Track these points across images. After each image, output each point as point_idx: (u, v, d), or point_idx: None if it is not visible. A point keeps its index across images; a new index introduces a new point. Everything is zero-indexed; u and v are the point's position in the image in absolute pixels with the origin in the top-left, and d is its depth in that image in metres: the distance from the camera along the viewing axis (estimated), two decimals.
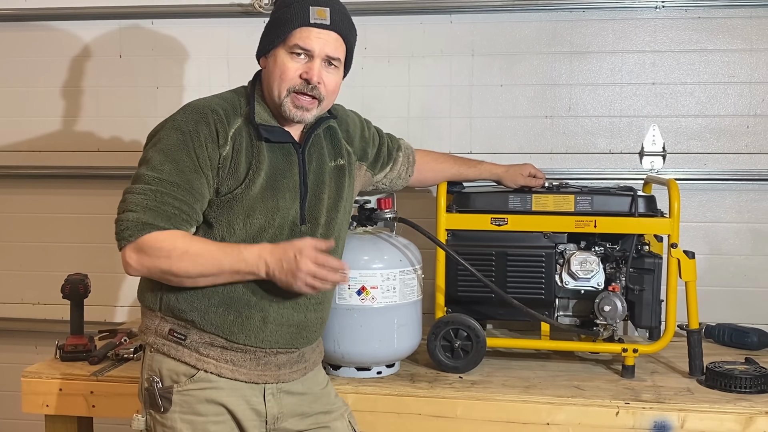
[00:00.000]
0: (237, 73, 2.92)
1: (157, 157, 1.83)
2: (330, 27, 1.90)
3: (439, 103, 3.09)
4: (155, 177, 1.81)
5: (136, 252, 1.79)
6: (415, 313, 2.40)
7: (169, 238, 1.78)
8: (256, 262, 1.79)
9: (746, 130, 2.95)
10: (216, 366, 1.88)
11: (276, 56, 1.91)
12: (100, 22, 3.20)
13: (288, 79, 1.89)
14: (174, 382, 1.88)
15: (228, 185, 1.86)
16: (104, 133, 3.23)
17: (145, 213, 1.78)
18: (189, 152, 1.82)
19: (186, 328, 1.88)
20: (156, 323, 1.91)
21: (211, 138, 1.84)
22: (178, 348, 1.88)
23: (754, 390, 2.24)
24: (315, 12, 1.88)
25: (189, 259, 1.77)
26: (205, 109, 1.87)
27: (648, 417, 2.14)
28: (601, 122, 3.01)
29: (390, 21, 3.07)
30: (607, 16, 2.97)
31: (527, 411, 2.19)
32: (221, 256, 1.79)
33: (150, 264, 1.78)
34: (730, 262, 2.98)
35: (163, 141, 1.84)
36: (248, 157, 1.88)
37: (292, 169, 1.94)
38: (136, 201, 1.79)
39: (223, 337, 1.88)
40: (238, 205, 1.86)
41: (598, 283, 2.43)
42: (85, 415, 2.41)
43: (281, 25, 1.90)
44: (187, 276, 1.79)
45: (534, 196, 2.45)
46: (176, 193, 1.80)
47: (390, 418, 2.24)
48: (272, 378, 1.94)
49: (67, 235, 3.29)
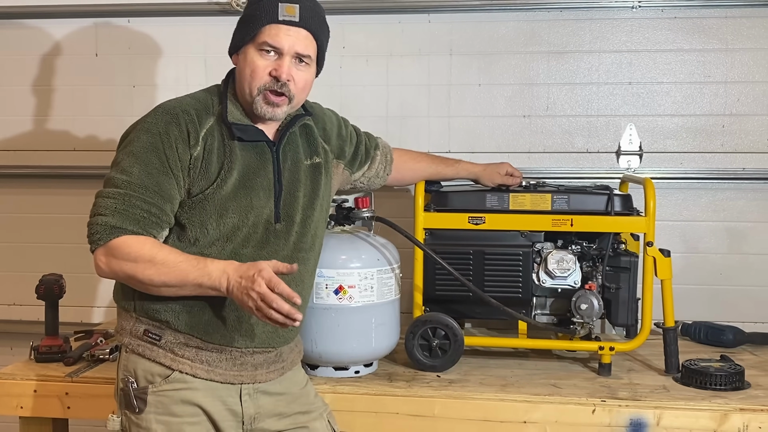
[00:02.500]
0: (214, 72, 2.89)
1: (126, 160, 1.83)
2: (299, 24, 1.89)
3: (417, 103, 3.09)
4: (125, 180, 1.80)
5: (105, 255, 1.79)
6: (393, 312, 2.40)
7: (137, 244, 1.77)
8: (219, 276, 1.76)
9: (722, 129, 2.98)
10: (191, 366, 1.87)
11: (246, 54, 1.90)
12: (76, 20, 3.17)
13: (258, 77, 1.88)
14: (149, 382, 1.87)
15: (199, 185, 1.85)
16: (80, 132, 3.21)
17: (114, 216, 1.78)
18: (159, 154, 1.82)
19: (161, 329, 1.87)
20: (131, 324, 1.90)
21: (182, 139, 1.84)
22: (153, 348, 1.87)
23: (728, 387, 2.26)
24: (284, 9, 1.87)
25: (154, 267, 1.76)
26: (176, 110, 1.87)
27: (624, 415, 2.15)
28: (579, 121, 3.02)
29: (368, 20, 3.07)
30: (584, 16, 2.99)
31: (504, 409, 2.20)
32: (187, 268, 1.77)
33: (117, 267, 1.78)
34: (706, 261, 3.00)
35: (134, 143, 1.84)
36: (220, 156, 1.87)
37: (266, 167, 1.93)
38: (105, 204, 1.79)
39: (198, 337, 1.87)
40: (210, 204, 1.85)
41: (575, 281, 2.45)
42: (60, 416, 2.39)
43: (251, 23, 1.90)
44: (151, 284, 1.78)
45: (511, 195, 2.46)
46: (145, 196, 1.79)
47: (368, 417, 2.24)
48: (248, 378, 1.93)
49: (42, 235, 3.26)
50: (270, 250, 1.92)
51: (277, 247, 1.93)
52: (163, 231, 1.84)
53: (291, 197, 1.97)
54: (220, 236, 1.86)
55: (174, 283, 1.78)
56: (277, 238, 1.93)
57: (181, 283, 1.78)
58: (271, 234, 1.92)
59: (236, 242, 1.88)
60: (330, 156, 2.14)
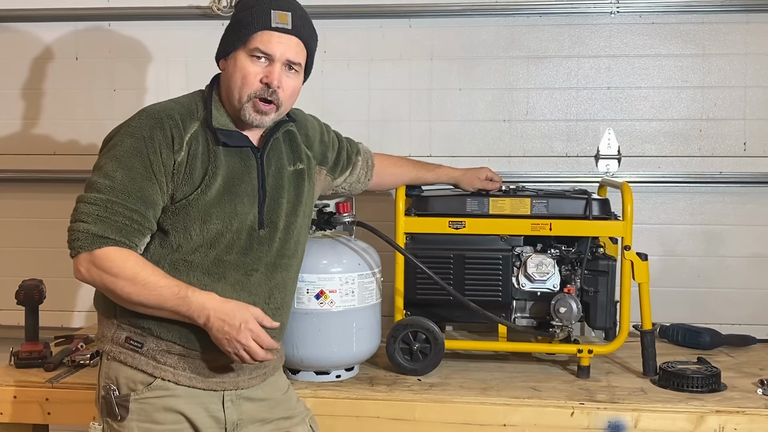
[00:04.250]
0: (195, 76, 2.91)
1: (109, 164, 1.82)
2: (291, 31, 1.90)
3: (398, 107, 3.10)
4: (107, 185, 1.79)
5: (87, 262, 1.78)
6: (374, 316, 2.41)
7: (119, 258, 1.77)
8: (198, 310, 1.78)
9: (699, 133, 3.01)
10: (173, 374, 1.87)
11: (236, 59, 1.90)
12: (56, 23, 3.16)
13: (249, 84, 1.88)
14: (131, 390, 1.86)
15: (183, 191, 1.85)
16: (60, 136, 3.19)
17: (96, 224, 1.77)
18: (142, 159, 1.81)
19: (142, 336, 1.87)
20: (112, 331, 1.89)
21: (166, 144, 1.83)
22: (135, 356, 1.86)
23: (705, 389, 2.29)
24: (277, 16, 1.88)
25: (134, 286, 1.76)
26: (160, 115, 1.86)
27: (602, 417, 2.18)
28: (558, 126, 3.05)
29: (349, 25, 3.08)
30: (563, 21, 3.01)
31: (484, 412, 2.22)
32: (166, 294, 1.77)
33: (97, 277, 1.78)
34: (683, 263, 3.03)
35: (117, 147, 1.83)
36: (204, 162, 1.87)
37: (250, 173, 1.93)
38: (87, 211, 1.78)
39: (181, 344, 1.87)
40: (193, 210, 1.85)
41: (554, 285, 2.47)
42: (40, 422, 2.38)
43: (242, 28, 1.89)
44: (128, 301, 1.79)
45: (491, 200, 2.48)
46: (128, 202, 1.79)
47: (349, 421, 2.25)
48: (231, 385, 1.93)
49: (22, 239, 3.24)
50: (253, 256, 1.93)
51: (260, 253, 1.94)
52: (145, 238, 1.83)
53: (275, 203, 1.97)
54: (204, 242, 1.86)
55: (151, 305, 1.79)
56: (260, 245, 1.94)
57: (158, 307, 1.79)
58: (254, 240, 1.92)
59: (220, 248, 1.88)
60: (313, 162, 2.14)
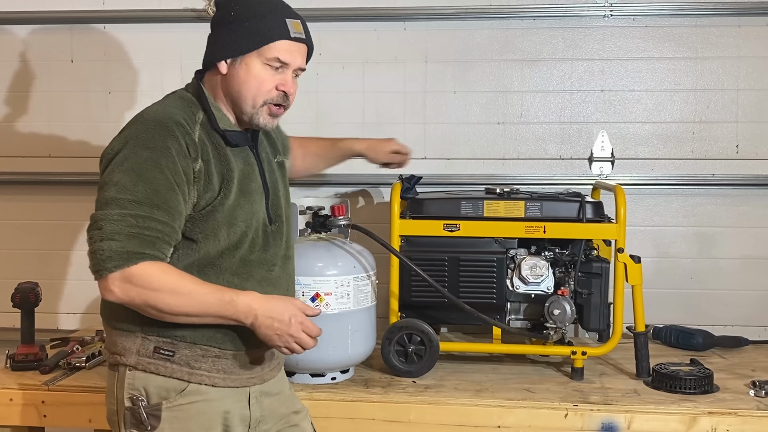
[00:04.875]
0: (190, 78, 2.90)
1: (127, 178, 1.74)
2: (304, 40, 1.93)
3: (393, 109, 3.11)
4: (131, 200, 1.72)
5: (121, 281, 1.70)
6: (369, 318, 2.43)
7: (158, 272, 1.72)
8: (245, 312, 1.78)
9: (692, 136, 3.03)
10: (209, 377, 1.85)
11: (249, 65, 1.88)
12: (51, 26, 3.16)
13: (266, 91, 1.89)
14: (163, 398, 1.82)
15: (206, 198, 1.82)
16: (56, 138, 3.19)
17: (129, 241, 1.70)
18: (161, 169, 1.75)
19: (173, 344, 1.83)
20: (138, 344, 1.84)
21: (182, 153, 1.78)
22: (167, 365, 1.83)
23: (698, 391, 2.31)
24: (293, 25, 1.90)
25: (177, 297, 1.73)
26: (167, 122, 1.80)
27: (596, 418, 2.19)
28: (552, 128, 3.07)
29: (344, 27, 3.09)
30: (557, 25, 3.03)
31: (479, 414, 2.23)
32: (210, 300, 1.76)
33: (135, 295, 1.71)
34: (677, 265, 3.05)
35: (131, 160, 1.75)
36: (218, 166, 1.85)
37: (254, 171, 1.94)
38: (115, 229, 1.70)
39: (216, 346, 1.85)
40: (219, 215, 1.83)
41: (548, 287, 2.49)
42: (36, 425, 2.39)
43: (257, 35, 1.87)
44: (171, 313, 1.75)
45: (485, 203, 2.49)
46: (156, 215, 1.73)
47: (344, 423, 2.26)
48: (258, 379, 1.94)
49: (17, 241, 3.24)
50: (272, 252, 1.94)
51: (276, 248, 1.96)
52: (171, 249, 1.79)
53: (275, 197, 1.99)
54: (230, 245, 1.85)
55: (195, 314, 1.76)
56: (274, 239, 1.96)
57: (203, 314, 1.77)
58: (269, 236, 1.94)
59: (244, 248, 1.87)
60: (283, 151, 2.16)
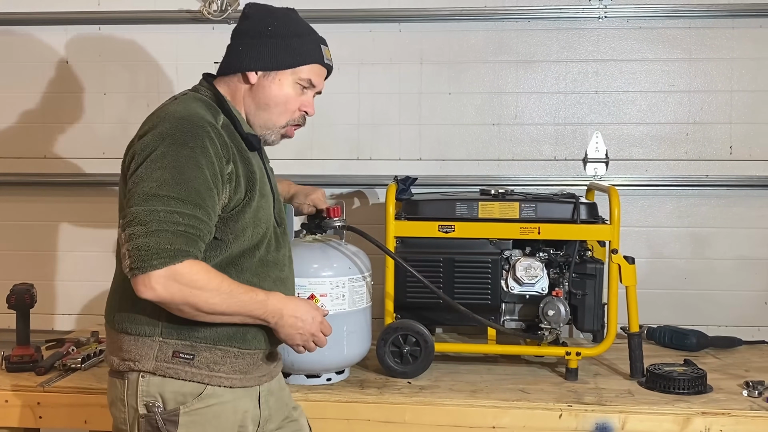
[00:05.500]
0: (185, 79, 2.92)
1: (168, 175, 1.71)
2: (332, 68, 2.01)
3: (388, 111, 3.12)
4: (174, 197, 1.69)
5: (165, 279, 1.67)
6: (365, 319, 2.43)
7: (203, 270, 1.71)
8: (273, 312, 1.81)
9: (686, 137, 3.04)
10: (228, 379, 1.85)
11: (282, 81, 1.92)
12: (46, 27, 3.16)
13: (291, 111, 1.94)
14: (180, 403, 1.81)
15: (235, 200, 1.83)
16: (50, 139, 3.19)
17: (176, 238, 1.67)
18: (201, 168, 1.73)
19: (192, 347, 1.82)
20: (155, 350, 1.81)
21: (218, 154, 1.78)
22: (186, 369, 1.81)
23: (691, 391, 2.32)
24: (326, 53, 1.98)
25: (219, 296, 1.73)
26: (201, 122, 1.79)
27: (590, 419, 2.21)
28: (547, 130, 3.08)
29: (340, 29, 3.08)
30: (551, 26, 3.04)
31: (473, 415, 2.24)
32: (246, 299, 1.78)
33: (177, 293, 1.68)
34: (670, 266, 3.07)
35: (170, 156, 1.73)
36: (243, 168, 1.86)
37: (265, 174, 1.97)
38: (162, 226, 1.67)
39: (237, 346, 1.86)
40: (247, 215, 1.84)
41: (543, 288, 2.50)
42: (32, 426, 2.38)
43: (297, 55, 1.92)
44: (211, 312, 1.74)
45: (480, 204, 2.50)
46: (198, 214, 1.71)
47: (339, 424, 2.27)
48: (268, 376, 1.96)
49: (12, 243, 3.24)
50: (282, 252, 1.97)
51: (284, 248, 1.99)
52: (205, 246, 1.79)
53: (277, 202, 2.02)
54: (252, 245, 1.86)
55: (231, 312, 1.77)
56: (283, 240, 1.98)
57: (236, 313, 1.78)
58: (279, 236, 1.96)
59: (262, 249, 1.89)
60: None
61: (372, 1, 3.06)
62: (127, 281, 1.73)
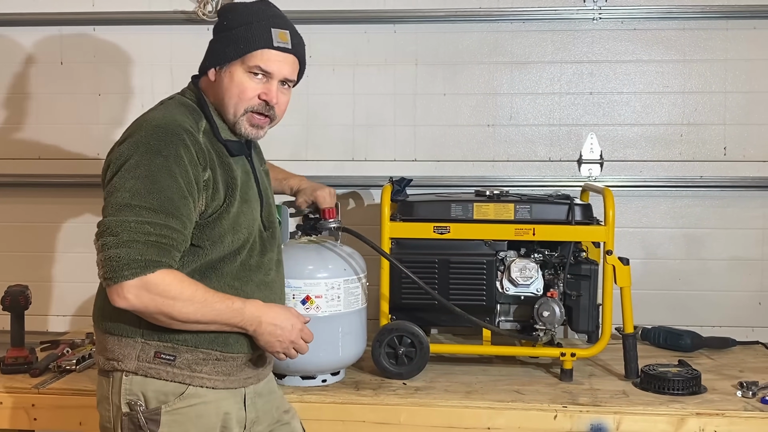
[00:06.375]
0: (180, 81, 2.86)
1: (141, 185, 1.72)
2: (291, 50, 1.92)
3: (383, 112, 3.12)
4: (146, 207, 1.71)
5: (137, 288, 1.69)
6: (360, 321, 2.43)
7: (175, 280, 1.72)
8: (250, 320, 1.82)
9: (680, 138, 3.05)
10: (210, 380, 1.86)
11: (233, 73, 1.89)
12: (41, 28, 3.15)
13: (247, 99, 1.89)
14: (162, 402, 1.82)
15: (213, 206, 1.83)
16: (45, 140, 3.18)
17: (147, 249, 1.69)
18: (175, 177, 1.74)
19: (174, 348, 1.83)
20: (137, 350, 1.83)
21: (193, 162, 1.78)
22: (167, 369, 1.82)
23: (686, 392, 2.32)
24: (277, 35, 1.89)
25: (191, 305, 1.74)
26: (177, 129, 1.79)
27: (585, 420, 2.21)
28: (541, 131, 3.08)
29: (335, 30, 3.09)
30: (546, 27, 3.04)
31: (469, 416, 2.24)
32: (221, 308, 1.78)
33: (149, 302, 1.70)
34: (665, 267, 3.07)
35: (143, 166, 1.74)
36: (222, 174, 1.86)
37: (250, 179, 1.96)
38: (132, 236, 1.69)
39: (219, 350, 1.86)
40: (225, 222, 1.84)
41: (537, 289, 2.50)
42: (26, 428, 2.38)
43: (241, 43, 1.88)
44: (185, 320, 1.76)
45: (475, 205, 2.51)
46: (171, 223, 1.72)
47: (335, 425, 2.27)
48: (254, 379, 1.96)
49: (6, 244, 3.23)
50: (268, 257, 1.96)
51: (271, 253, 1.98)
52: (180, 256, 1.79)
53: (268, 204, 2.01)
54: (232, 250, 1.86)
55: (206, 321, 1.78)
56: (270, 245, 1.98)
57: (212, 322, 1.79)
58: (266, 241, 1.96)
59: (244, 254, 1.89)
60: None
61: (367, 2, 3.05)
62: None
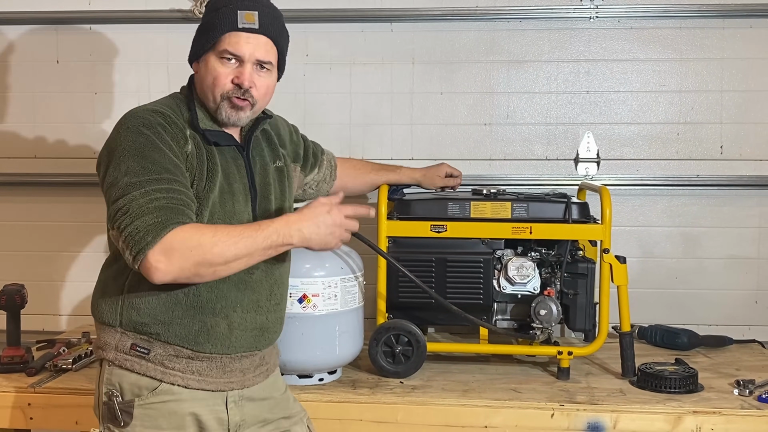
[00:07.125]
0: (176, 79, 2.90)
1: (134, 163, 1.74)
2: (259, 31, 1.89)
3: (380, 110, 3.12)
4: (146, 179, 1.72)
5: (163, 254, 1.67)
6: (357, 319, 2.43)
7: (192, 230, 1.71)
8: (288, 231, 1.78)
9: (677, 137, 3.05)
10: (183, 378, 1.85)
11: (207, 62, 1.90)
12: (37, 26, 3.15)
13: (221, 85, 1.89)
14: (135, 395, 1.83)
15: (197, 187, 1.83)
16: (41, 139, 3.18)
17: (159, 212, 1.69)
18: (161, 150, 1.77)
19: (149, 342, 1.84)
20: (116, 339, 1.85)
21: (174, 138, 1.81)
22: (141, 362, 1.84)
23: (683, 390, 2.33)
24: (243, 16, 1.87)
25: (221, 243, 1.70)
26: (152, 114, 1.82)
27: (582, 418, 2.21)
28: (538, 129, 3.08)
29: (331, 28, 3.09)
30: (543, 26, 3.05)
31: (466, 414, 2.24)
32: (252, 234, 1.74)
33: (182, 260, 1.68)
34: (661, 265, 3.08)
35: (130, 147, 1.77)
36: (204, 160, 1.86)
37: (240, 171, 1.94)
38: (143, 207, 1.69)
39: (189, 348, 1.85)
40: (203, 208, 1.83)
41: (534, 287, 2.50)
42: (22, 427, 2.37)
43: (210, 31, 1.89)
44: (224, 262, 1.72)
45: (472, 204, 2.50)
46: (173, 186, 1.74)
47: (332, 424, 2.26)
48: (238, 384, 1.93)
49: (1, 243, 3.22)
50: None
51: None
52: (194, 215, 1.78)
53: (265, 201, 1.99)
54: None
55: (244, 253, 1.73)
56: None
57: (252, 251, 1.74)
58: None
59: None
60: (288, 160, 2.16)
61: (363, 1, 3.05)
62: (105, 271, 1.86)
